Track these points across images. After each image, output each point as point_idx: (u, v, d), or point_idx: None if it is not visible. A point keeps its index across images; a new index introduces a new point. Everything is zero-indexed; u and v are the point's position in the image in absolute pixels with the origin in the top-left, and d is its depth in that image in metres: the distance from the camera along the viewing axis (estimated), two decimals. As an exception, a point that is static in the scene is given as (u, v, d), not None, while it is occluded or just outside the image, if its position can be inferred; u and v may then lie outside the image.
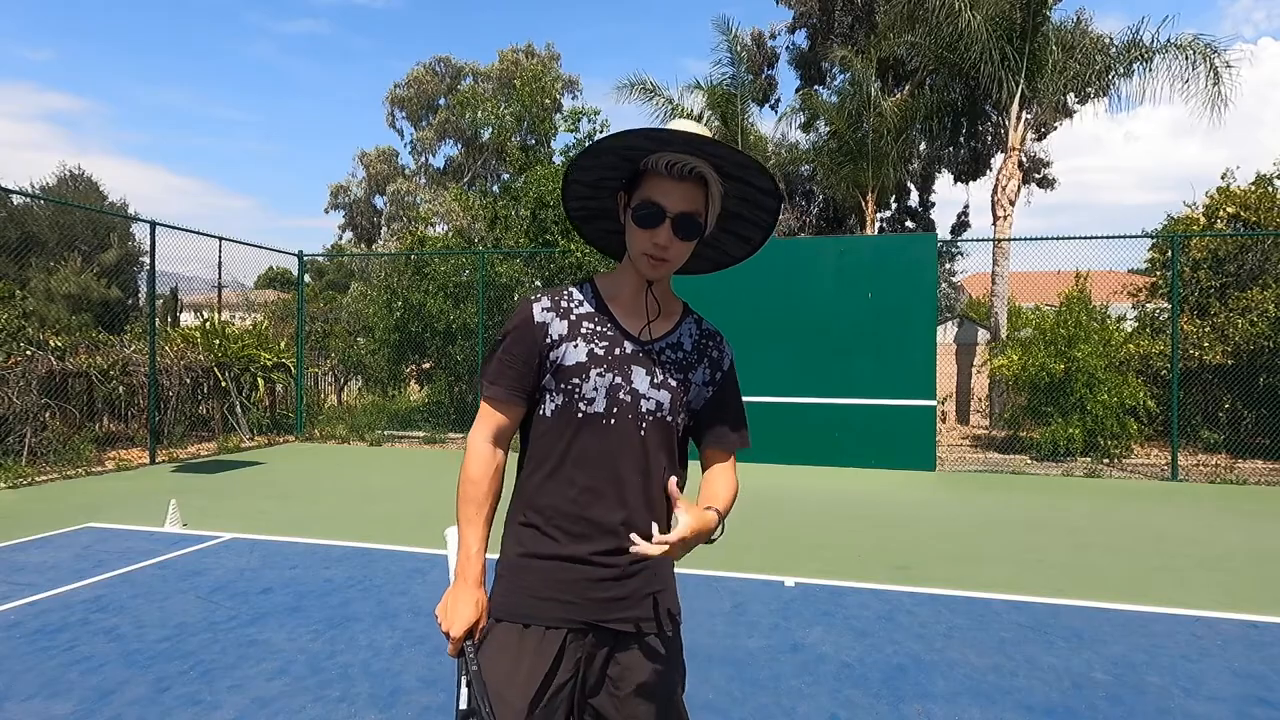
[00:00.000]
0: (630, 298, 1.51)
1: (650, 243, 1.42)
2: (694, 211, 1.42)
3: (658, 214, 1.40)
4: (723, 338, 1.63)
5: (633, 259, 1.48)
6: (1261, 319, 10.12)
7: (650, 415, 1.45)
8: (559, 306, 1.49)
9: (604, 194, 1.52)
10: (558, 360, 1.45)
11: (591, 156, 1.44)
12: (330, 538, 5.65)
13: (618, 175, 1.47)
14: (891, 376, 9.32)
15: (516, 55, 30.75)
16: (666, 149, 1.39)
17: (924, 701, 3.10)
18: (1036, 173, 22.18)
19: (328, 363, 14.73)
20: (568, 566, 1.41)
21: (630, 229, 1.45)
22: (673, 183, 1.40)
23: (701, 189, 1.43)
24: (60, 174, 18.35)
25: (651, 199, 1.41)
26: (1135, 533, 6.20)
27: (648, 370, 1.47)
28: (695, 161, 1.40)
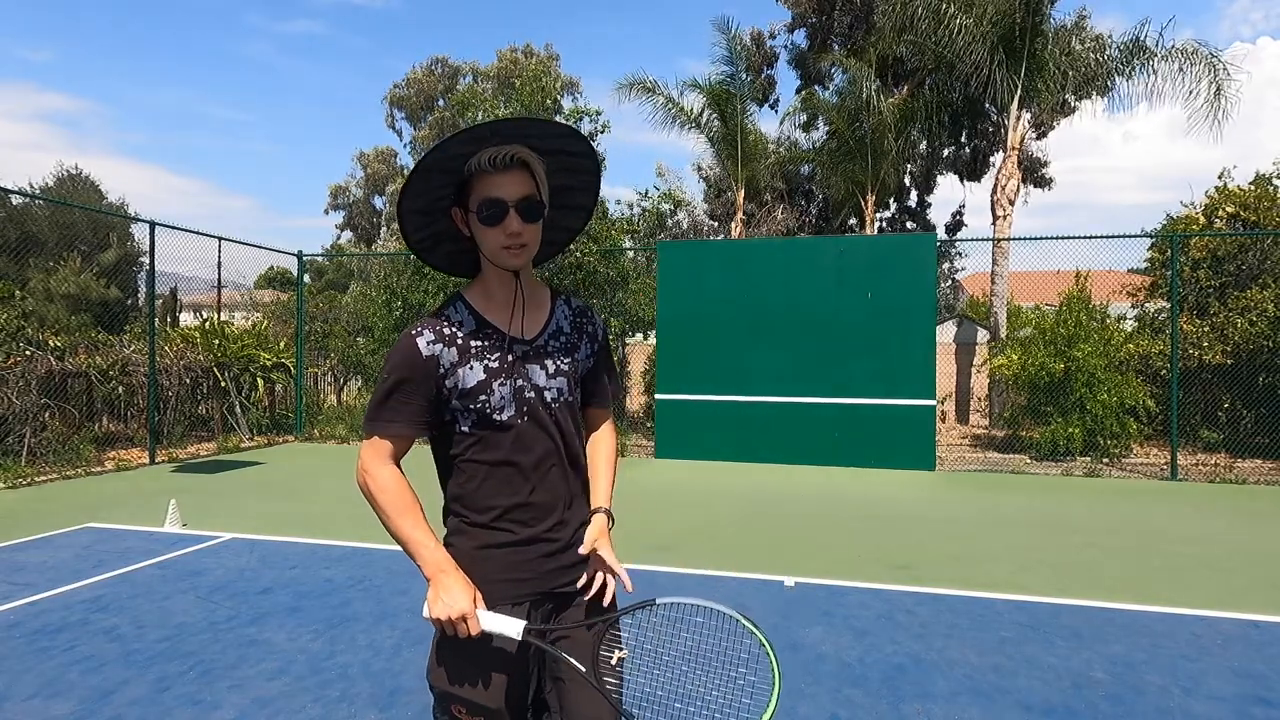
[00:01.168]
0: (502, 300, 1.59)
1: (504, 235, 1.50)
2: (530, 194, 1.51)
3: (500, 207, 1.48)
4: (593, 312, 1.76)
5: (492, 258, 1.54)
6: (1261, 318, 10.12)
7: (555, 401, 1.60)
8: (442, 335, 1.54)
9: (438, 217, 1.58)
10: (457, 385, 1.53)
11: (420, 178, 1.49)
12: (330, 538, 5.65)
13: (447, 193, 1.55)
14: (891, 376, 9.32)
15: (515, 55, 30.76)
16: (483, 145, 1.46)
17: (924, 701, 3.10)
18: (1034, 172, 22.19)
19: (327, 363, 14.72)
20: (523, 549, 1.56)
21: (480, 232, 1.52)
22: (501, 175, 1.48)
23: (527, 173, 1.51)
24: (59, 174, 18.35)
25: (489, 196, 1.48)
26: (1135, 532, 6.20)
27: (540, 364, 1.59)
28: (513, 148, 1.48)
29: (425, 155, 1.46)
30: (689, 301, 10.00)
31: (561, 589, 1.61)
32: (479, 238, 1.53)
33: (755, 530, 6.05)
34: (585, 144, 1.57)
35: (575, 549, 1.62)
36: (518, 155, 1.49)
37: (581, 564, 1.62)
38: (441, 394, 1.54)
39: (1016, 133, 14.06)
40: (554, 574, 1.60)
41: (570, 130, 1.54)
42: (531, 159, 1.51)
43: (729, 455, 9.70)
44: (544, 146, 1.52)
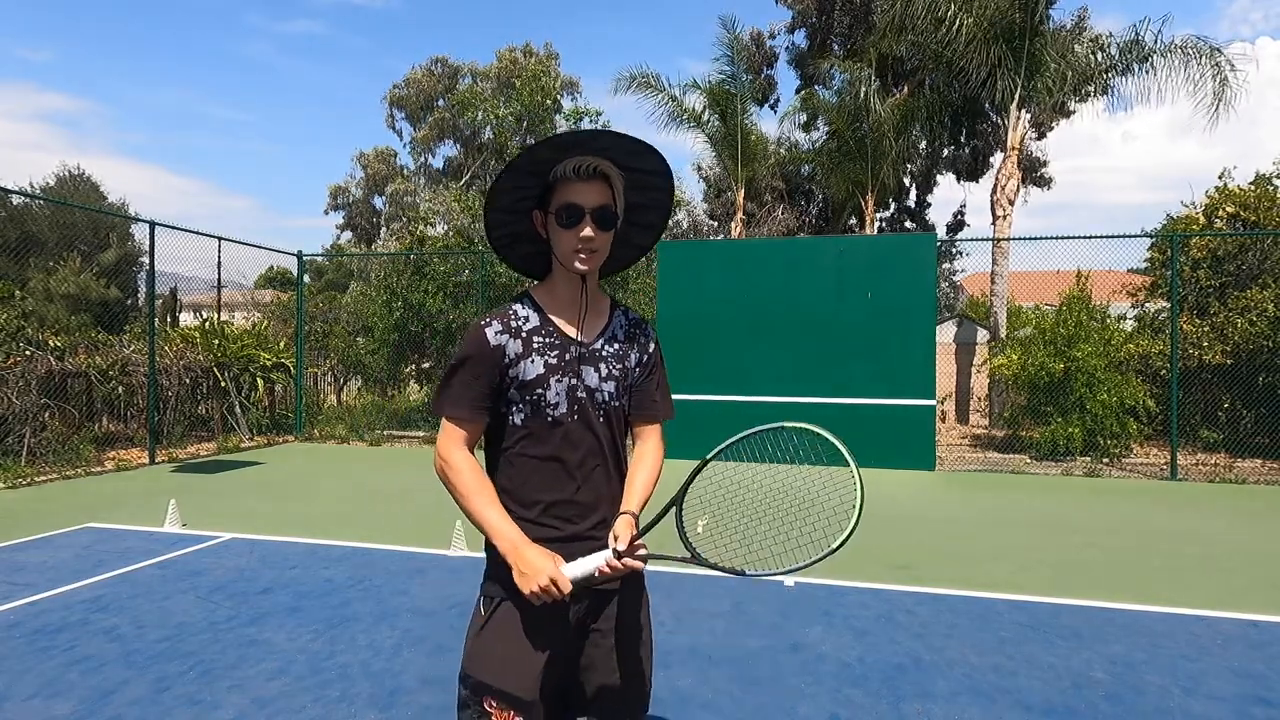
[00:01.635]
0: (567, 302, 1.69)
1: (577, 238, 1.60)
2: (606, 204, 1.62)
3: (577, 212, 1.59)
4: (648, 325, 1.84)
5: (563, 261, 1.64)
6: (1261, 318, 10.12)
7: (604, 404, 1.69)
8: (510, 327, 1.64)
9: (521, 217, 1.68)
10: (518, 376, 1.63)
11: (510, 176, 1.60)
12: (330, 538, 5.65)
13: (531, 195, 1.65)
14: (891, 376, 9.32)
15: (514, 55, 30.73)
16: (568, 154, 1.58)
17: (924, 701, 3.10)
18: (1033, 172, 22.19)
19: (327, 363, 14.72)
20: (566, 545, 1.61)
21: (556, 234, 1.63)
22: (582, 183, 1.59)
23: (606, 184, 1.63)
24: (60, 174, 18.35)
25: (569, 201, 1.60)
26: (1135, 532, 6.20)
27: (594, 367, 1.68)
28: (595, 160, 1.60)
29: (517, 157, 1.57)
30: (689, 301, 10.00)
31: (600, 586, 1.65)
32: (554, 239, 1.64)
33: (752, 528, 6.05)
34: (663, 165, 1.66)
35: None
36: (599, 167, 1.60)
37: None
38: (503, 383, 1.63)
39: (1016, 133, 14.06)
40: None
41: (651, 149, 1.62)
42: (612, 172, 1.62)
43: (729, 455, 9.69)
44: (625, 163, 1.63)
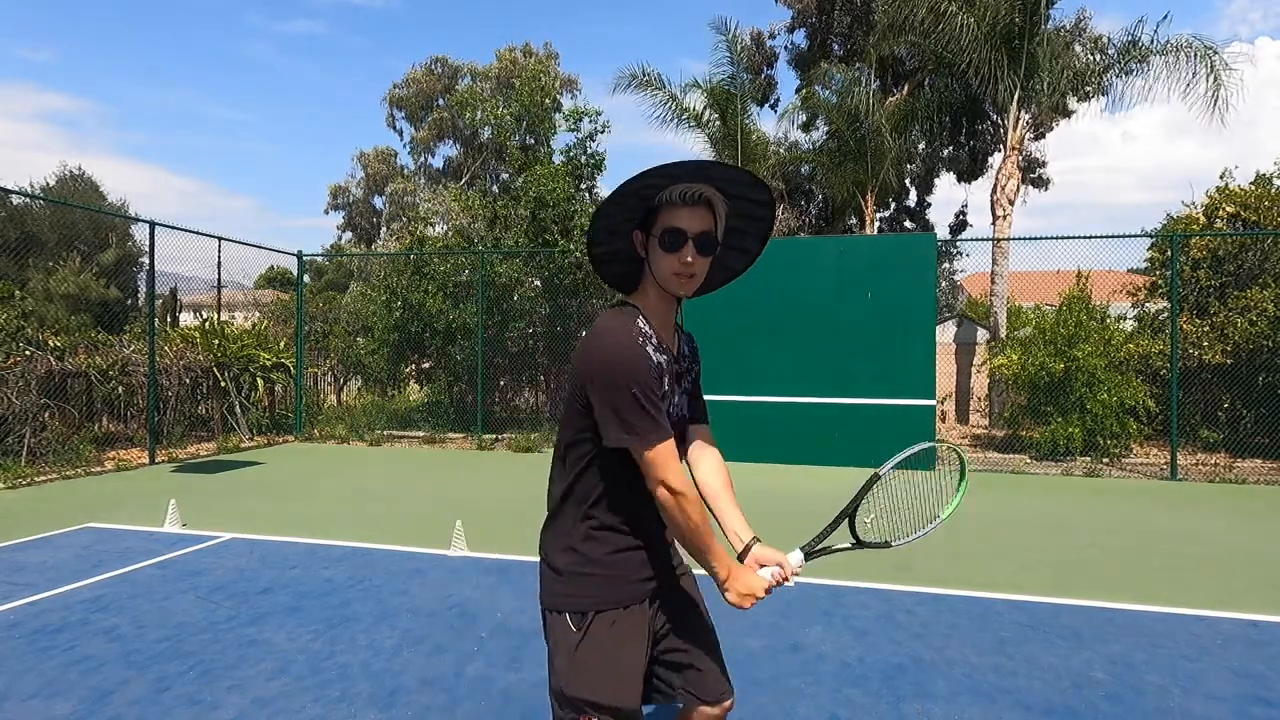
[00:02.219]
0: (664, 320, 1.74)
1: (679, 263, 1.64)
2: (708, 230, 1.67)
3: (680, 236, 1.64)
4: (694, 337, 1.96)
5: (663, 282, 1.69)
6: (1261, 318, 10.12)
7: (681, 419, 1.81)
8: (654, 344, 1.67)
9: (620, 237, 1.72)
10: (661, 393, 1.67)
11: (615, 202, 1.63)
12: (330, 538, 5.65)
13: (633, 217, 1.69)
14: (891, 376, 9.32)
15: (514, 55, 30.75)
16: (677, 181, 1.62)
17: (924, 701, 3.10)
18: (1032, 172, 22.19)
19: (327, 363, 14.72)
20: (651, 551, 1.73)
21: (657, 256, 1.67)
22: (687, 209, 1.64)
23: (709, 211, 1.67)
24: (60, 174, 18.35)
25: (673, 225, 1.64)
26: (1135, 532, 6.20)
27: (679, 383, 1.78)
28: (702, 187, 1.64)
29: (628, 181, 1.60)
30: (688, 301, 9.97)
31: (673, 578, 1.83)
32: (654, 261, 1.68)
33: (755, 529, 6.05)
34: (766, 193, 1.73)
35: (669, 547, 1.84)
36: (705, 194, 1.65)
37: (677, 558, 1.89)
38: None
39: (1016, 133, 14.06)
40: (667, 570, 1.81)
41: (758, 181, 1.69)
42: (716, 200, 1.67)
43: (729, 455, 9.50)
44: (730, 190, 1.68)
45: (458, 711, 2.97)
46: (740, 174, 1.66)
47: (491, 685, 3.20)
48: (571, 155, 13.60)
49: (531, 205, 12.76)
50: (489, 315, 12.12)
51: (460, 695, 3.11)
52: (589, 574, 1.66)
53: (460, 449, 11.20)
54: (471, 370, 12.23)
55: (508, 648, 3.59)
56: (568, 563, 1.67)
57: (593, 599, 1.65)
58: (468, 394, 12.74)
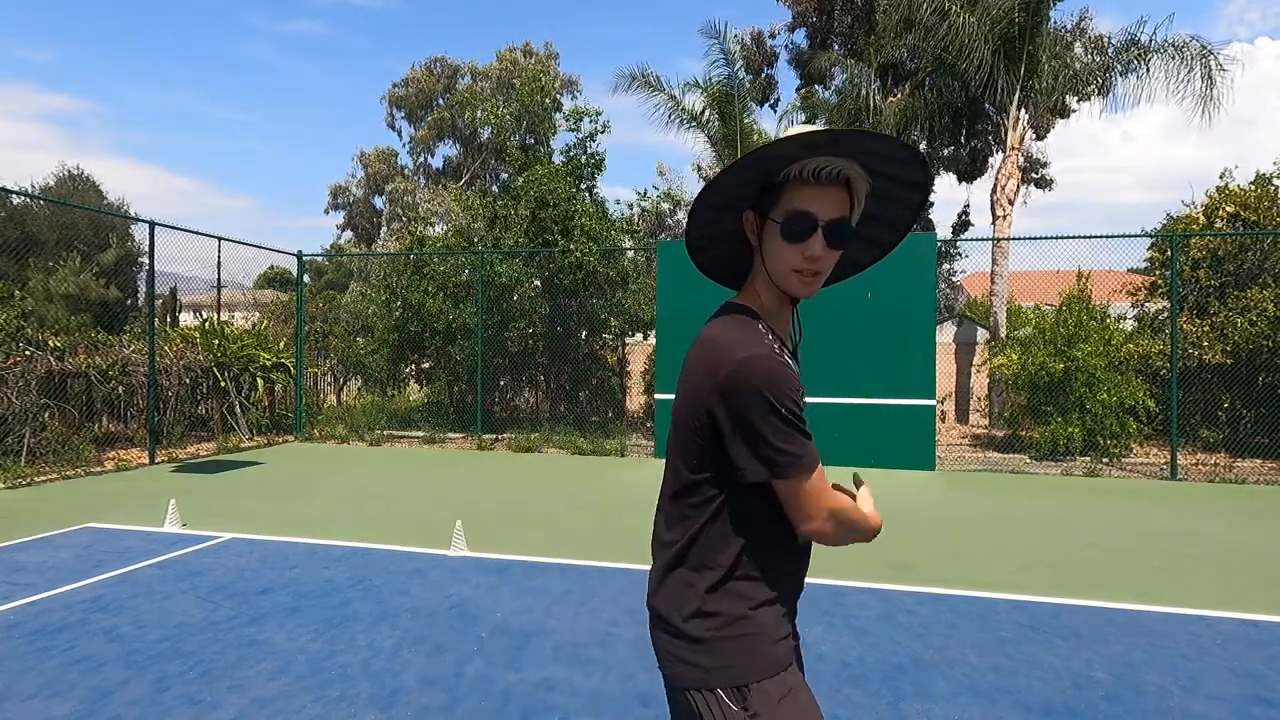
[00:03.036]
0: (781, 324, 1.41)
1: (802, 257, 1.30)
2: (843, 216, 1.31)
3: (809, 224, 1.29)
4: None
5: (778, 279, 1.35)
6: (1261, 318, 10.12)
7: None
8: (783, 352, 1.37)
9: (729, 216, 1.39)
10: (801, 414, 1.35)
11: (734, 174, 1.31)
12: (330, 538, 5.65)
13: (746, 194, 1.36)
14: (891, 376, 9.32)
15: (514, 55, 30.76)
16: (817, 152, 1.27)
17: (924, 701, 3.10)
18: (1034, 173, 22.19)
19: (327, 363, 14.73)
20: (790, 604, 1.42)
21: (776, 246, 1.32)
22: (821, 189, 1.29)
23: (846, 191, 1.32)
24: (60, 174, 18.35)
25: (801, 209, 1.29)
26: (1135, 532, 6.20)
27: None
28: (844, 163, 1.28)
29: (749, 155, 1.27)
30: (689, 301, 10.00)
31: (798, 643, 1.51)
32: (770, 252, 1.33)
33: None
34: (925, 174, 1.35)
35: None
36: (845, 172, 1.29)
37: None
38: None
39: (1016, 133, 14.06)
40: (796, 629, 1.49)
41: (918, 157, 1.32)
42: (858, 178, 1.31)
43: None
44: (876, 167, 1.32)
45: (458, 711, 2.98)
46: (900, 148, 1.29)
47: (491, 685, 3.20)
48: (571, 155, 13.61)
49: (531, 205, 12.77)
50: (489, 315, 12.12)
51: (460, 695, 3.11)
52: (740, 635, 1.31)
53: (460, 449, 11.20)
54: (471, 370, 12.23)
55: (508, 648, 3.59)
56: (707, 628, 1.31)
57: (753, 665, 1.30)
58: (468, 394, 12.74)
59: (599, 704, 3.04)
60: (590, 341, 13.27)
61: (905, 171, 1.34)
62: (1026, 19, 13.03)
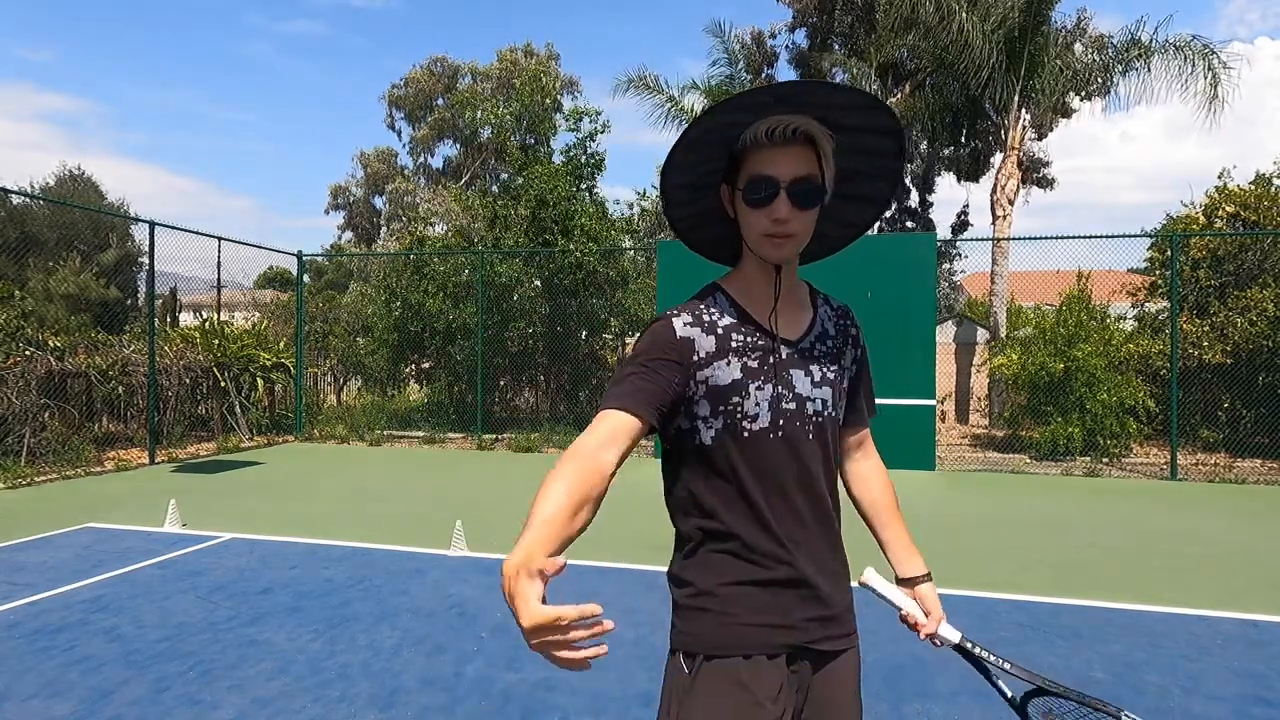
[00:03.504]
0: (764, 295, 1.37)
1: (768, 221, 1.27)
2: (808, 174, 1.26)
3: (770, 187, 1.25)
4: (851, 311, 1.53)
5: (753, 247, 1.33)
6: (1261, 318, 10.12)
7: (817, 416, 1.36)
8: (700, 320, 1.33)
9: (707, 193, 1.37)
10: (708, 380, 1.30)
11: (686, 150, 1.28)
12: (330, 538, 5.65)
13: (719, 166, 1.33)
14: (891, 376, 9.32)
15: (515, 55, 30.75)
16: (765, 113, 1.24)
17: (924, 701, 3.10)
18: (1036, 172, 22.19)
19: (327, 363, 14.73)
20: (779, 591, 1.32)
21: (744, 214, 1.30)
22: (778, 149, 1.25)
23: (811, 150, 1.27)
24: (60, 174, 18.35)
25: (759, 173, 1.26)
26: (1135, 532, 6.20)
27: (806, 371, 1.37)
28: (798, 119, 1.24)
29: (691, 126, 1.24)
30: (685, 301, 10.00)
31: (821, 646, 1.35)
32: (742, 221, 1.31)
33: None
34: (890, 120, 1.29)
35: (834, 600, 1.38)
36: (802, 129, 1.24)
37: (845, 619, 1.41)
38: (689, 388, 1.30)
39: (1016, 133, 14.06)
40: (814, 625, 1.34)
41: (870, 99, 1.27)
42: (819, 134, 1.26)
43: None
44: (837, 120, 1.27)
45: (458, 711, 2.97)
46: (852, 94, 1.24)
47: (491, 685, 3.20)
48: (571, 155, 13.61)
49: (531, 205, 12.77)
50: (489, 315, 12.12)
51: (460, 695, 3.11)
52: (701, 609, 1.31)
53: (460, 449, 11.19)
54: (471, 370, 12.23)
55: (508, 648, 3.59)
56: (679, 595, 1.34)
57: (704, 640, 1.30)
58: (468, 394, 12.74)
59: (599, 704, 3.04)
60: (590, 341, 13.27)
61: (870, 119, 1.29)
62: (1027, 19, 13.03)
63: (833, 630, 1.37)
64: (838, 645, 1.38)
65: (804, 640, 1.33)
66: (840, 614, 1.39)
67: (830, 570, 1.38)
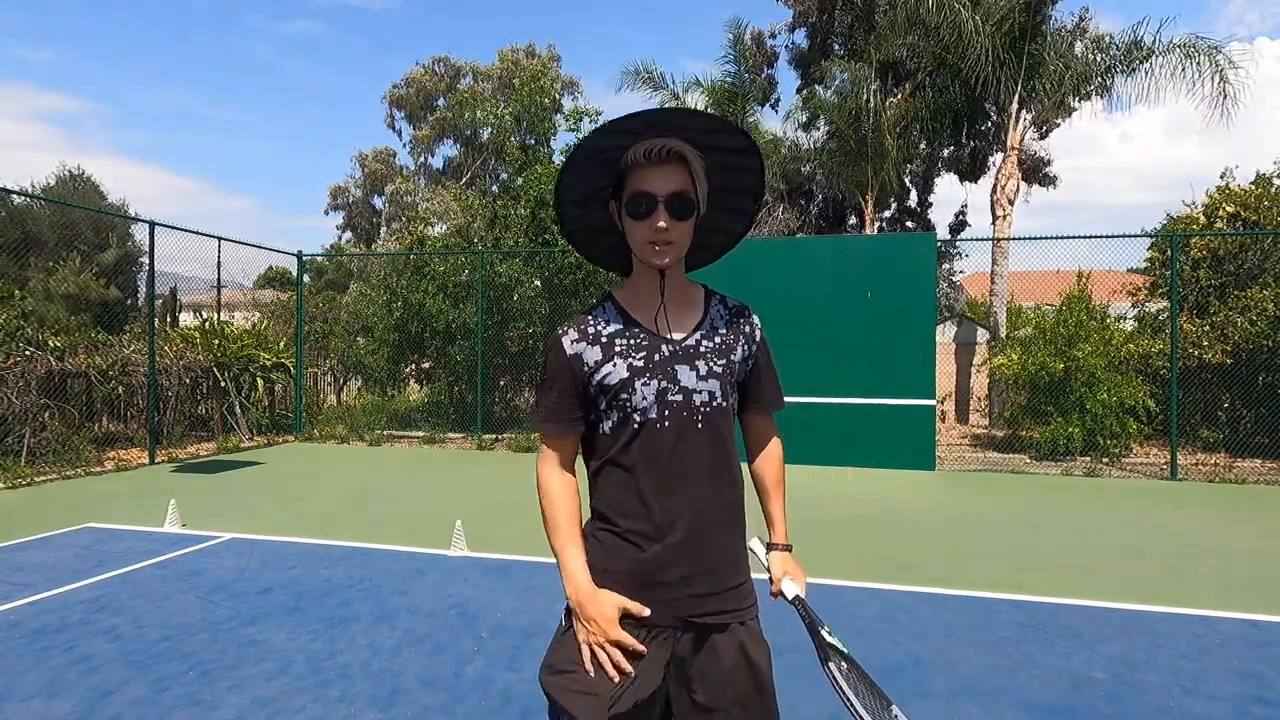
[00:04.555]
0: (650, 299, 1.53)
1: (650, 230, 1.44)
2: (682, 190, 1.45)
3: (649, 201, 1.43)
4: (750, 309, 1.66)
5: (639, 255, 1.50)
6: (1261, 318, 10.12)
7: (705, 407, 1.50)
8: (585, 333, 1.51)
9: (595, 208, 1.55)
10: (601, 382, 1.48)
11: (574, 170, 1.47)
12: (330, 538, 5.65)
13: (603, 185, 1.51)
14: (891, 376, 9.32)
15: (516, 55, 30.74)
16: (638, 138, 1.43)
17: (923, 701, 3.10)
18: (1038, 172, 22.18)
19: (327, 363, 14.72)
20: (656, 569, 1.47)
21: (629, 226, 1.48)
22: (654, 168, 1.43)
23: (684, 167, 1.46)
24: (60, 174, 18.34)
25: (639, 189, 1.44)
26: (1135, 532, 6.20)
27: (692, 365, 1.50)
28: (669, 142, 1.43)
29: (576, 149, 1.45)
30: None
31: (702, 619, 1.49)
32: (628, 232, 1.49)
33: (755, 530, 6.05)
34: (746, 140, 1.49)
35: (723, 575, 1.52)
36: (673, 149, 1.44)
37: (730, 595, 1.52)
38: (589, 392, 1.50)
39: (1016, 133, 14.06)
40: (694, 600, 1.48)
41: (729, 125, 1.47)
42: (689, 154, 1.46)
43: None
44: (702, 142, 1.46)
45: (458, 711, 2.98)
46: (710, 120, 1.44)
47: (491, 685, 3.20)
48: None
49: (531, 205, 12.76)
50: (489, 315, 12.11)
51: (460, 695, 3.11)
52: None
53: (460, 449, 11.19)
54: (471, 370, 12.23)
55: (508, 648, 3.59)
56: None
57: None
58: (468, 394, 12.73)
59: (599, 704, 3.04)
60: (590, 341, 13.23)
61: (730, 141, 1.47)
62: (1028, 18, 13.03)
63: (713, 606, 1.50)
64: (724, 619, 1.50)
65: (685, 614, 1.48)
66: (727, 590, 1.52)
67: (718, 549, 1.52)
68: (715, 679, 1.48)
